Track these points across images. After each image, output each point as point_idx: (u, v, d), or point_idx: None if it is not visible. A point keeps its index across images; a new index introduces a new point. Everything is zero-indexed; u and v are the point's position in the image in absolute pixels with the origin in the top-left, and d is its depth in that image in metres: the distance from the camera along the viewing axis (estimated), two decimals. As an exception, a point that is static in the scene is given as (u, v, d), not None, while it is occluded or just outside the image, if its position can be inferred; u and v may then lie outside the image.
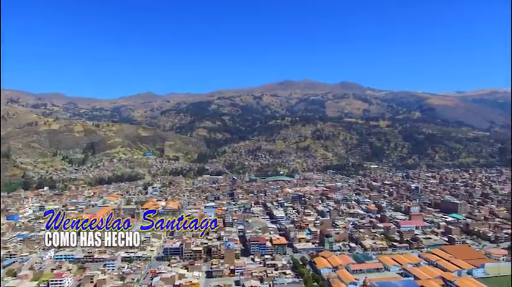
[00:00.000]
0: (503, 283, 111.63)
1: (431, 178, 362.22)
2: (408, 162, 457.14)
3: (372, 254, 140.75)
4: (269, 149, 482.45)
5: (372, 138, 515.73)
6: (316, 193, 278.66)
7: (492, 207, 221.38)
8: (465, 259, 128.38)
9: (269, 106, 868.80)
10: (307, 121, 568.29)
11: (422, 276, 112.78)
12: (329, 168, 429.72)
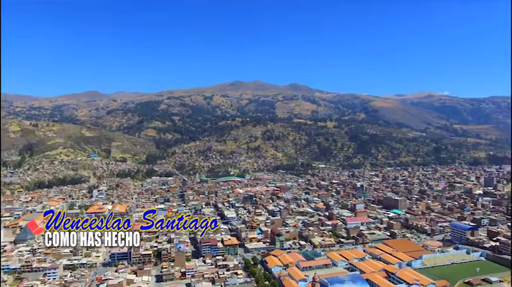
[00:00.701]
0: (438, 272, 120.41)
1: (375, 176, 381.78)
2: (354, 161, 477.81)
3: (321, 251, 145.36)
4: (219, 150, 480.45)
5: (320, 139, 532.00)
6: (266, 193, 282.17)
7: (428, 203, 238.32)
8: (405, 252, 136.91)
9: (219, 106, 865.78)
10: (258, 122, 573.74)
11: (367, 270, 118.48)
12: (279, 168, 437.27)
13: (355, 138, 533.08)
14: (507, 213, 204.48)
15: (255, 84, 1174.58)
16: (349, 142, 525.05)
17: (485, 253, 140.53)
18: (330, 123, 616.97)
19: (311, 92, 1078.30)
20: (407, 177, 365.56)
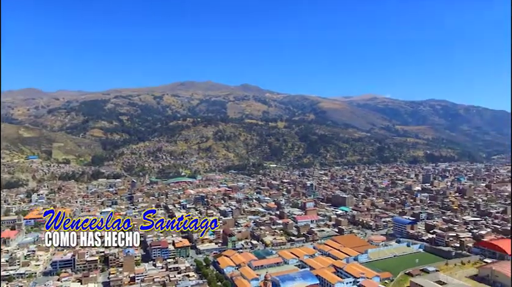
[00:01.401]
0: (382, 265, 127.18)
1: (324, 175, 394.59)
2: (304, 161, 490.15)
3: (272, 250, 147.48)
4: (170, 151, 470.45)
5: (271, 139, 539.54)
6: (218, 193, 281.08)
7: (373, 199, 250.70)
8: (352, 247, 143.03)
9: (170, 106, 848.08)
10: (209, 122, 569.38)
11: (317, 266, 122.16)
12: (231, 169, 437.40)
13: (305, 138, 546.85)
14: (442, 207, 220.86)
15: (206, 84, 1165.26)
16: (299, 142, 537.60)
17: (423, 245, 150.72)
18: (281, 124, 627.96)
19: (262, 93, 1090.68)
20: (354, 175, 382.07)
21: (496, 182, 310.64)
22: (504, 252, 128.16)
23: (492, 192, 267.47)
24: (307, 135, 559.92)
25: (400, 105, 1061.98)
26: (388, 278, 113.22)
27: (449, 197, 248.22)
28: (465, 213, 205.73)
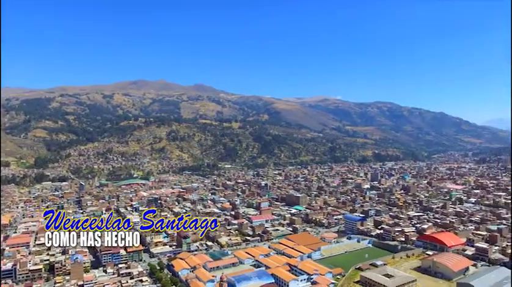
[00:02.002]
0: (335, 261, 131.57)
1: (278, 175, 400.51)
2: (258, 161, 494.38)
3: (228, 250, 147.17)
4: (121, 152, 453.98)
5: (225, 139, 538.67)
6: (172, 195, 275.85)
7: (326, 198, 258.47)
8: (306, 245, 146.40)
9: (120, 106, 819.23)
10: (162, 122, 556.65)
11: (272, 265, 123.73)
12: (185, 169, 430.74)
13: (259, 138, 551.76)
14: (389, 204, 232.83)
15: (159, 83, 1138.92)
16: (253, 143, 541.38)
17: (372, 240, 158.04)
18: (236, 124, 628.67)
19: (216, 93, 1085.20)
20: (307, 175, 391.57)
21: (436, 179, 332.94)
22: (444, 244, 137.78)
23: (433, 188, 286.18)
24: (261, 135, 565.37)
25: (350, 107, 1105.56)
26: (340, 274, 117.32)
27: (395, 194, 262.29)
28: (410, 209, 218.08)
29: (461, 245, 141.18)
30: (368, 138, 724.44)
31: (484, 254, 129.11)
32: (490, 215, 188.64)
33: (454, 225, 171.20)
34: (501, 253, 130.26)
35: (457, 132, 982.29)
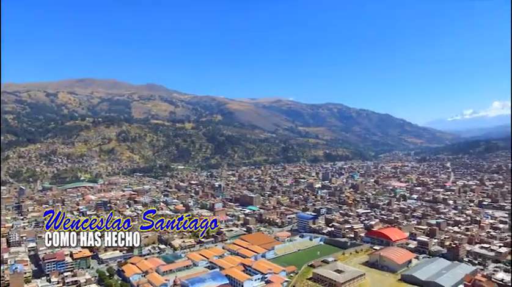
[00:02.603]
0: (288, 259, 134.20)
1: (232, 175, 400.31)
2: (212, 162, 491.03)
3: (181, 253, 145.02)
4: (66, 153, 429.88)
5: (178, 140, 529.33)
6: (123, 197, 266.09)
7: (279, 198, 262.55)
8: (260, 245, 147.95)
9: (66, 105, 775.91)
10: (112, 122, 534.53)
11: (226, 266, 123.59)
12: (136, 171, 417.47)
13: (212, 139, 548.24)
14: (339, 202, 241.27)
15: (108, 82, 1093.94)
16: (207, 143, 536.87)
17: (324, 238, 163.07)
18: (189, 124, 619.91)
19: (168, 93, 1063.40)
20: (261, 175, 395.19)
21: (382, 177, 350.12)
22: (389, 239, 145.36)
23: (380, 186, 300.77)
24: (215, 136, 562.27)
25: (302, 108, 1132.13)
26: (293, 272, 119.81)
27: (345, 193, 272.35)
28: (358, 206, 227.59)
29: (405, 239, 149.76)
30: (320, 139, 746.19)
31: (425, 247, 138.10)
32: (430, 211, 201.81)
33: (399, 221, 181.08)
34: (440, 245, 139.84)
35: (401, 132, 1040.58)
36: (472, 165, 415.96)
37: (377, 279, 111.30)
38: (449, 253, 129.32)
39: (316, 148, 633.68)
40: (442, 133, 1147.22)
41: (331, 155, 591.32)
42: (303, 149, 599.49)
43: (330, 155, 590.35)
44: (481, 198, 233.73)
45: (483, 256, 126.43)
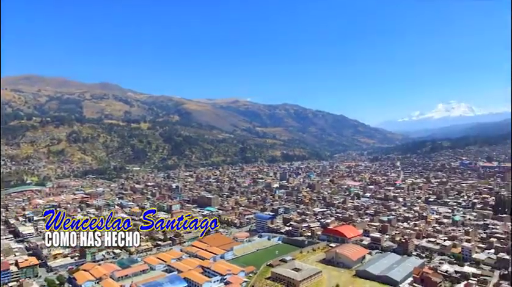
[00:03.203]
0: (247, 259, 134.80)
1: (189, 176, 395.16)
2: (169, 163, 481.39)
3: (138, 257, 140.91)
4: (11, 155, 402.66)
5: (134, 141, 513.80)
6: (74, 201, 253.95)
7: (237, 198, 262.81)
8: (219, 246, 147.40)
9: (9, 103, 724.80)
10: (61, 122, 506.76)
11: (184, 269, 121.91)
12: (89, 173, 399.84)
13: (169, 140, 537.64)
14: (296, 201, 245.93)
15: (57, 80, 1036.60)
16: (163, 144, 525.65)
17: (282, 237, 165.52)
18: (145, 125, 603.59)
19: (123, 92, 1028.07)
20: (219, 176, 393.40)
21: (337, 177, 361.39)
22: (344, 236, 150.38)
23: (335, 185, 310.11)
24: (172, 136, 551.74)
25: (259, 109, 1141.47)
26: (252, 272, 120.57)
27: (302, 192, 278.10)
28: (315, 205, 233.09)
29: (359, 236, 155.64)
30: (277, 139, 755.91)
31: (378, 242, 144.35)
32: (382, 208, 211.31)
33: (353, 218, 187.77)
34: (391, 240, 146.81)
35: (354, 133, 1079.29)
36: (419, 164, 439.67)
37: (333, 275, 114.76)
38: (400, 247, 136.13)
39: (274, 148, 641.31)
40: (392, 134, 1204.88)
41: (288, 155, 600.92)
42: (261, 150, 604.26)
43: (287, 155, 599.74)
44: (428, 195, 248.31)
45: (430, 250, 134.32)
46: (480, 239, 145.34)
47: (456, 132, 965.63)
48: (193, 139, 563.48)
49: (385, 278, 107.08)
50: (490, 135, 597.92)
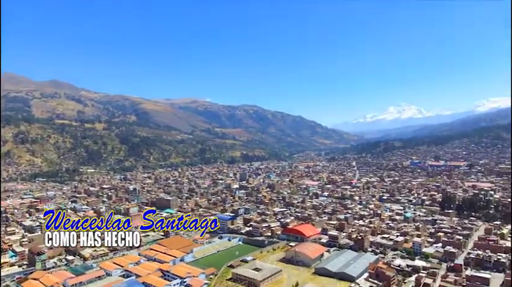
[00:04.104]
0: (207, 261, 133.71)
1: (147, 178, 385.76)
2: (125, 164, 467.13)
3: (93, 263, 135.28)
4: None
5: (88, 142, 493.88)
6: (22, 206, 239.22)
7: (197, 200, 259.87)
8: (178, 248, 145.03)
9: None
10: (7, 122, 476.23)
11: (143, 273, 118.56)
12: (38, 176, 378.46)
13: (126, 140, 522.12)
14: (256, 202, 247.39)
15: (2, 77, 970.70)
16: (120, 145, 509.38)
17: (242, 238, 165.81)
18: (100, 125, 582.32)
19: (76, 91, 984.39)
20: (178, 177, 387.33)
21: (296, 177, 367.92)
22: (303, 235, 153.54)
23: (294, 185, 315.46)
24: (129, 137, 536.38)
25: (219, 109, 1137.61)
26: (213, 273, 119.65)
27: (262, 192, 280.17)
28: (275, 205, 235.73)
29: (317, 234, 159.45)
30: (237, 140, 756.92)
31: (335, 240, 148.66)
32: (339, 206, 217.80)
33: (312, 217, 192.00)
34: (348, 238, 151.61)
35: (312, 134, 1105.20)
36: (374, 164, 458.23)
37: (293, 274, 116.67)
38: (356, 244, 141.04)
39: (234, 149, 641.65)
40: (348, 134, 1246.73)
41: (248, 156, 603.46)
42: (221, 151, 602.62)
43: (247, 156, 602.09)
44: (381, 193, 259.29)
45: (384, 246, 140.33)
46: (429, 234, 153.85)
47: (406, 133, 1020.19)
48: (151, 140, 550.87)
49: (343, 275, 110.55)
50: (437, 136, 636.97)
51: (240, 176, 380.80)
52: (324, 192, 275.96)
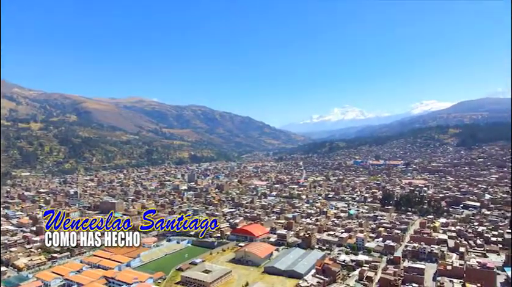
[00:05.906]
0: (156, 265, 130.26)
1: (90, 181, 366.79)
2: (65, 166, 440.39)
3: (28, 273, 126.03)
4: None
5: (22, 143, 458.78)
6: None
7: (144, 202, 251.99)
8: (124, 254, 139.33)
9: None
10: None
11: (85, 281, 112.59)
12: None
13: (66, 141, 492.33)
14: (205, 203, 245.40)
15: None
16: (59, 146, 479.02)
17: (191, 240, 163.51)
18: (35, 125, 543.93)
19: (8, 87, 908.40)
20: (123, 179, 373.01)
21: (245, 177, 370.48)
22: (253, 235, 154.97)
23: (243, 185, 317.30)
24: (69, 138, 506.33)
25: (167, 109, 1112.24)
26: (161, 278, 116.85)
27: (211, 193, 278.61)
28: (224, 206, 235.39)
29: (266, 233, 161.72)
30: (185, 141, 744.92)
31: (284, 239, 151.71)
32: (287, 206, 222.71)
33: (261, 217, 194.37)
34: (296, 236, 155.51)
35: (260, 134, 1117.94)
36: (320, 163, 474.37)
37: (243, 274, 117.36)
38: (304, 242, 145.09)
39: (181, 149, 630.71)
40: (296, 135, 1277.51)
41: (196, 156, 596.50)
42: (168, 151, 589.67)
43: (195, 156, 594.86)
44: (327, 192, 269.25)
45: (330, 242, 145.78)
46: (371, 230, 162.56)
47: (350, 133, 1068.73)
48: (93, 140, 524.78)
49: (291, 272, 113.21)
50: (378, 136, 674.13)
51: (188, 177, 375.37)
52: (273, 192, 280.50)
